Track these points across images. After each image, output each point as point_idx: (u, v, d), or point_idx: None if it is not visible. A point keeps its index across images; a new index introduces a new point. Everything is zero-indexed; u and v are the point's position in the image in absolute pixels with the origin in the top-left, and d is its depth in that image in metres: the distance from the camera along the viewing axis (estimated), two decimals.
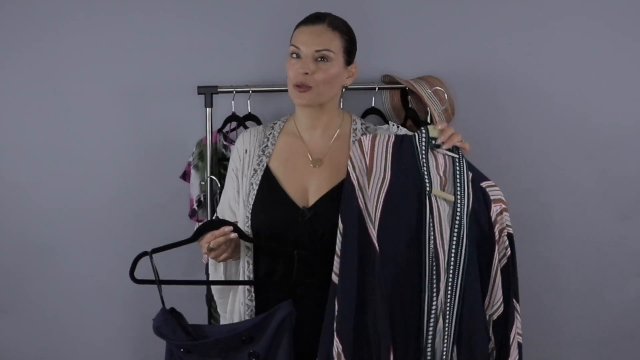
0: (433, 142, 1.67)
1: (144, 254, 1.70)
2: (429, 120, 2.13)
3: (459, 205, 1.62)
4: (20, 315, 2.28)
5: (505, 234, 1.65)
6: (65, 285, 2.26)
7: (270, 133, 1.86)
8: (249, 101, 2.11)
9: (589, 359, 2.37)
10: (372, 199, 1.62)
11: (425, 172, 1.63)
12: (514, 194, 2.27)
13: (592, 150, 2.27)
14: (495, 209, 1.65)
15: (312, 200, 1.75)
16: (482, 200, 1.65)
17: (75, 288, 2.27)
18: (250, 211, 1.78)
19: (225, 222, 1.70)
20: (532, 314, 2.35)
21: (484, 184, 1.67)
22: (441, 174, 1.66)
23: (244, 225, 1.78)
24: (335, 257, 1.62)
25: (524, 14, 2.22)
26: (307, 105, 1.78)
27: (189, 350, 1.69)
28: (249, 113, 2.11)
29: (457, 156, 1.67)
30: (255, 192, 1.78)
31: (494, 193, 1.68)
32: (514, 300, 1.68)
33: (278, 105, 2.23)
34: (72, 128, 2.20)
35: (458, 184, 1.64)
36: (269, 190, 1.78)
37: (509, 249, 1.65)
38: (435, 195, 1.63)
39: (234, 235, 1.68)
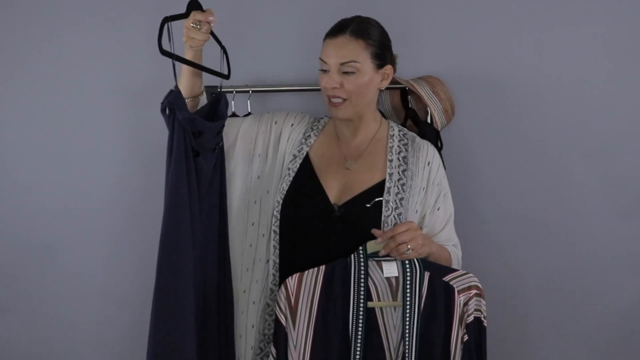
0: (379, 254, 1.64)
1: (166, 19, 1.62)
2: (429, 120, 2.13)
3: (407, 308, 1.62)
4: (20, 315, 2.29)
5: (470, 321, 1.64)
6: (65, 285, 2.27)
7: (316, 126, 1.87)
8: (249, 101, 2.11)
9: (588, 359, 2.37)
10: (298, 344, 1.64)
11: (362, 287, 1.62)
12: (514, 194, 2.29)
13: (592, 150, 2.26)
14: (461, 299, 1.64)
15: (343, 200, 1.74)
16: (442, 297, 1.64)
17: (75, 288, 2.27)
18: (282, 196, 1.76)
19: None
20: (532, 314, 2.35)
21: (447, 277, 1.65)
22: (392, 280, 1.65)
23: (272, 209, 1.77)
24: None
25: (524, 14, 2.22)
26: (345, 119, 1.78)
27: (201, 131, 1.67)
28: (249, 113, 2.11)
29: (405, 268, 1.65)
30: (291, 178, 1.78)
31: (463, 282, 1.65)
32: None
33: (278, 105, 2.23)
34: (73, 128, 2.21)
35: (408, 288, 1.63)
36: (306, 180, 1.78)
37: (465, 336, 1.64)
38: (377, 307, 1.64)
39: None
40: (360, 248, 1.64)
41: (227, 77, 1.82)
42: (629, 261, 2.32)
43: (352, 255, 1.64)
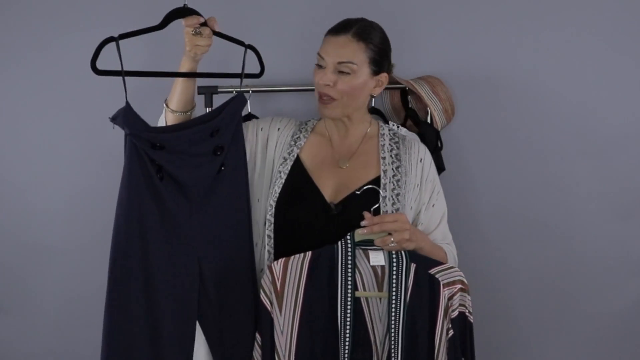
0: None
1: (110, 39, 1.56)
2: (429, 120, 2.13)
3: (394, 299, 1.60)
4: (20, 315, 2.28)
5: (455, 316, 1.63)
6: (65, 285, 2.27)
7: (304, 127, 1.86)
8: (249, 101, 2.10)
9: (588, 359, 2.37)
10: (285, 329, 1.62)
11: (350, 277, 1.61)
12: (514, 194, 2.29)
13: (592, 150, 2.27)
14: (445, 293, 1.62)
15: (339, 198, 1.73)
16: (427, 289, 1.62)
17: (76, 288, 2.27)
18: (275, 199, 1.75)
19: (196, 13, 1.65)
20: (532, 314, 2.35)
21: (433, 270, 1.63)
22: (378, 270, 1.64)
23: (265, 212, 1.75)
24: None
25: (524, 13, 2.22)
26: (331, 117, 1.78)
27: (162, 145, 1.59)
28: (249, 113, 2.11)
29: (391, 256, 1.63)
30: (283, 180, 1.76)
31: (448, 276, 1.63)
32: None
33: (278, 105, 2.24)
34: (72, 128, 2.21)
35: (394, 278, 1.61)
36: (299, 181, 1.76)
37: (451, 330, 1.63)
38: (363, 297, 1.63)
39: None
40: (348, 235, 1.62)
41: (258, 75, 1.80)
42: (628, 261, 2.32)
43: (340, 242, 1.62)
